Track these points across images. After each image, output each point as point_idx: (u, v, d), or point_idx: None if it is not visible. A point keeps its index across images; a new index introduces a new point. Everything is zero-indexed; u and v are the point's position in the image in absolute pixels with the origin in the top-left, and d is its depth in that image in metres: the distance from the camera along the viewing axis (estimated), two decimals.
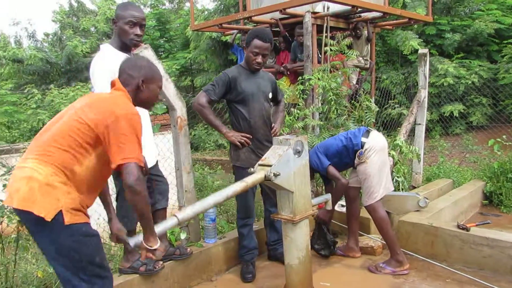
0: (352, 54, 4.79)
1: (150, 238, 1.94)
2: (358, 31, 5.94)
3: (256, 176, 2.47)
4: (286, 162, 2.52)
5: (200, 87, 11.42)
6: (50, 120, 1.98)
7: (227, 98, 3.21)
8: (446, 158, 6.20)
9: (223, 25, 6.17)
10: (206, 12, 12.15)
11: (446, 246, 3.38)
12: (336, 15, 5.52)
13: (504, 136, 5.13)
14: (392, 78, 9.19)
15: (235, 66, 3.29)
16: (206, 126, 9.91)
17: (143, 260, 2.27)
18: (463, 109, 8.65)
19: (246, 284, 3.20)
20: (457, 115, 8.55)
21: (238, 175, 3.26)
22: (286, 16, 5.39)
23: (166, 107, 3.33)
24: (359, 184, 3.45)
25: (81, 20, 16.42)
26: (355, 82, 6.04)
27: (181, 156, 3.27)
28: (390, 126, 6.69)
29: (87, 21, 16.07)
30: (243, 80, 3.14)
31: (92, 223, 1.97)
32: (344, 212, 3.73)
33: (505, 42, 9.07)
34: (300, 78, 4.92)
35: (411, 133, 5.21)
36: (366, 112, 4.56)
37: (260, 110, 3.17)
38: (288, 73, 5.85)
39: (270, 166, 2.46)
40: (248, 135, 3.14)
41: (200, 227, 3.49)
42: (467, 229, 3.32)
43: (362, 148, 3.24)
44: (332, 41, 4.73)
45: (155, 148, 2.96)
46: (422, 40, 9.30)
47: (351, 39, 5.47)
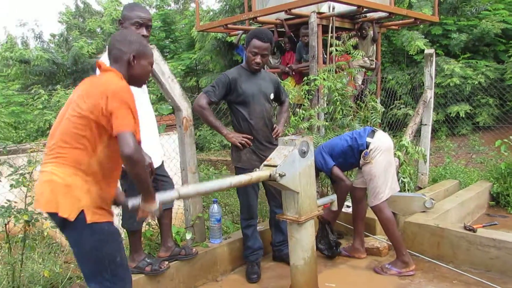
0: (357, 55, 4.78)
1: (149, 199, 1.93)
2: (364, 31, 5.93)
3: (261, 173, 2.47)
4: (291, 163, 2.52)
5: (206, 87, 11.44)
6: (55, 121, 2.01)
7: (228, 99, 3.20)
8: (452, 159, 6.16)
9: (228, 25, 6.18)
10: (211, 12, 12.18)
11: (452, 247, 3.36)
12: (342, 15, 5.52)
13: (511, 137, 5.09)
14: (398, 78, 9.16)
15: (236, 67, 3.27)
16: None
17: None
18: (470, 109, 8.60)
19: (251, 285, 3.19)
20: (463, 115, 8.51)
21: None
22: (292, 16, 5.39)
23: (171, 107, 3.33)
24: (364, 185, 3.43)
25: (87, 21, 16.54)
26: (360, 83, 6.03)
27: (186, 157, 3.28)
28: (395, 127, 6.65)
29: (93, 22, 16.18)
30: (243, 81, 3.12)
31: None
32: (350, 213, 3.72)
33: None
34: (305, 78, 4.91)
35: (417, 133, 5.19)
36: (372, 113, 4.54)
37: (261, 111, 3.15)
38: (293, 73, 5.85)
39: (276, 166, 2.46)
40: (249, 136, 3.12)
41: (206, 227, 3.50)
42: (473, 230, 3.30)
43: (367, 148, 3.21)
44: (337, 41, 4.72)
45: (161, 148, 2.96)
46: (428, 40, 9.27)
47: (357, 39, 5.47)
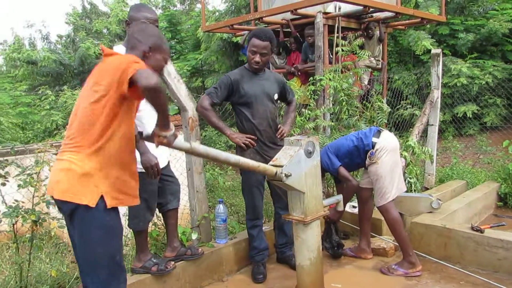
0: (363, 55, 4.77)
1: (166, 123, 1.90)
2: (370, 31, 5.91)
3: (268, 167, 2.47)
4: (297, 163, 2.52)
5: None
6: (72, 111, 2.03)
7: (231, 101, 3.19)
8: (459, 159, 6.12)
9: (234, 26, 6.19)
10: (217, 13, 12.20)
11: (459, 248, 3.34)
12: (348, 15, 5.50)
13: None
14: (404, 78, 9.11)
15: (239, 68, 3.26)
16: None
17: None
18: (477, 109, 8.54)
19: (257, 285, 3.19)
20: (470, 115, 8.45)
21: (244, 177, 3.26)
22: (298, 16, 5.39)
23: (177, 108, 3.34)
24: (371, 185, 3.42)
25: (93, 22, 16.63)
26: (366, 83, 6.01)
27: (192, 157, 3.28)
28: (402, 127, 6.63)
29: (100, 23, 16.26)
30: (246, 82, 3.11)
31: None
32: (356, 213, 3.71)
33: None
34: (311, 78, 4.90)
35: (424, 134, 5.17)
36: (378, 113, 4.53)
37: (264, 112, 3.14)
38: (299, 73, 5.84)
39: (282, 166, 2.46)
40: (252, 137, 3.11)
41: (211, 227, 3.50)
42: (481, 231, 3.27)
43: (373, 148, 3.21)
44: (343, 41, 4.71)
45: (167, 149, 2.97)
46: (434, 40, 9.22)
47: (363, 39, 5.45)
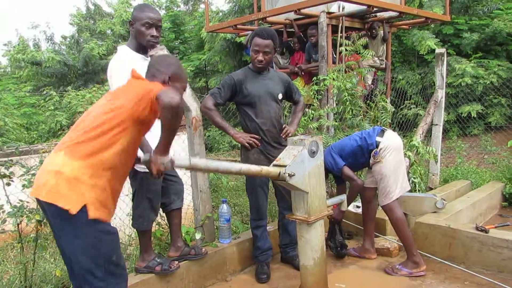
0: (367, 54, 4.76)
1: (164, 150, 1.94)
2: (374, 31, 5.89)
3: (271, 169, 2.47)
4: (300, 163, 2.51)
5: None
6: (80, 117, 2.02)
7: (235, 101, 3.20)
8: (463, 159, 6.10)
9: (237, 26, 6.18)
10: (221, 13, 12.21)
11: (464, 248, 3.33)
12: (352, 15, 5.48)
13: None
14: (408, 78, 9.09)
15: (243, 68, 3.27)
16: None
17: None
18: (481, 109, 8.51)
19: (261, 285, 3.19)
20: (475, 115, 8.42)
21: (248, 177, 3.26)
22: (301, 16, 5.37)
23: None
24: (375, 185, 3.42)
25: (97, 23, 16.69)
26: (370, 83, 5.99)
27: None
28: (406, 127, 6.61)
29: (104, 23, 16.32)
30: (249, 82, 3.12)
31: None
32: (360, 213, 3.70)
33: None
34: (314, 78, 4.90)
35: (428, 133, 5.15)
36: (382, 113, 4.52)
37: (268, 112, 3.14)
38: (303, 73, 5.83)
39: (285, 166, 2.46)
40: (256, 136, 3.12)
41: (215, 227, 3.50)
42: (486, 231, 3.26)
43: (377, 147, 3.21)
44: (347, 41, 4.70)
45: (170, 149, 2.97)
46: (439, 39, 9.18)
47: (367, 39, 5.43)
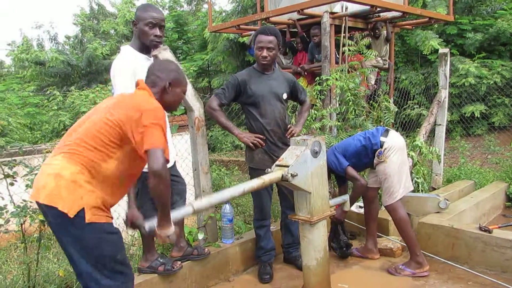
0: (370, 54, 4.75)
1: (165, 224, 1.97)
2: (377, 31, 5.88)
3: (273, 175, 2.47)
4: (303, 163, 2.51)
5: (217, 88, 11.47)
6: (78, 121, 2.04)
7: (239, 101, 3.21)
8: (467, 159, 6.07)
9: (240, 26, 6.18)
10: (224, 13, 12.21)
11: (467, 248, 3.32)
12: (355, 15, 5.47)
13: None
14: (411, 78, 9.07)
15: (247, 68, 3.28)
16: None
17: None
18: (485, 109, 8.48)
19: (263, 285, 3.19)
20: (478, 115, 8.39)
21: (252, 177, 3.25)
22: (304, 16, 5.37)
23: (184, 108, 3.36)
24: (377, 185, 3.41)
25: (101, 23, 16.73)
26: (373, 83, 5.98)
27: (198, 157, 3.29)
28: (409, 127, 6.60)
29: (107, 23, 16.36)
30: (253, 82, 3.13)
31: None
32: (362, 213, 3.70)
33: None
34: (317, 78, 4.89)
35: (431, 134, 5.13)
36: (385, 113, 4.51)
37: (272, 112, 3.14)
38: (306, 73, 5.82)
39: (288, 166, 2.45)
40: (261, 136, 3.12)
41: (218, 227, 3.51)
42: (489, 231, 3.25)
43: (381, 147, 3.20)
44: (350, 41, 4.69)
45: (173, 148, 2.98)
46: (442, 39, 9.16)
47: (370, 39, 5.43)
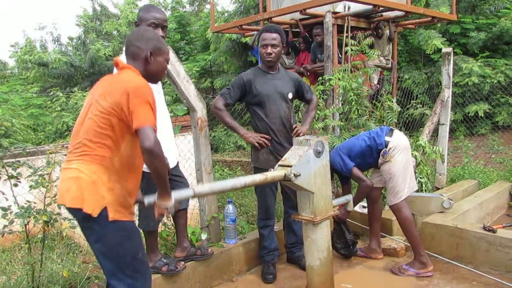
0: (373, 54, 4.74)
1: (165, 195, 1.97)
2: (380, 31, 5.87)
3: (276, 173, 2.47)
4: (306, 163, 2.51)
5: (220, 89, 11.48)
6: (77, 120, 2.04)
7: (245, 101, 3.22)
8: (471, 159, 6.05)
9: (243, 26, 6.19)
10: (226, 14, 12.23)
11: (471, 248, 3.31)
12: (357, 15, 5.47)
13: None
14: (415, 77, 9.04)
15: (252, 68, 3.29)
16: (225, 127, 9.99)
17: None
18: (489, 108, 8.45)
19: (267, 285, 3.19)
20: (482, 115, 8.35)
21: None
22: (307, 16, 5.37)
23: (186, 108, 3.36)
24: (381, 185, 3.41)
25: (104, 24, 16.77)
26: (376, 82, 5.97)
27: (201, 157, 3.29)
28: (412, 127, 6.58)
29: (110, 24, 16.39)
30: (258, 82, 3.13)
31: None
32: (366, 213, 3.69)
33: None
34: (320, 78, 4.89)
35: (435, 133, 5.12)
36: (388, 112, 4.50)
37: (278, 111, 3.14)
38: (308, 73, 5.82)
39: (290, 166, 2.45)
40: (266, 136, 3.13)
41: (221, 227, 3.51)
42: (493, 230, 3.24)
43: (386, 147, 3.19)
44: (353, 41, 4.69)
45: (176, 149, 2.98)
46: (445, 39, 9.12)
47: (372, 39, 5.42)
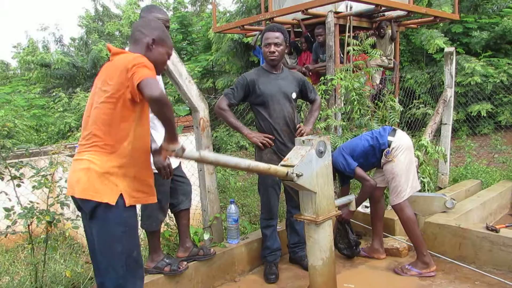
0: (375, 54, 4.73)
1: (173, 138, 1.96)
2: (382, 30, 5.87)
3: (279, 168, 2.46)
4: (308, 163, 2.51)
5: (222, 89, 11.49)
6: (84, 113, 2.05)
7: (249, 101, 3.22)
8: (473, 159, 6.04)
9: (245, 26, 6.18)
10: (228, 14, 12.22)
11: (474, 248, 3.30)
12: (359, 15, 5.46)
13: None
14: (417, 77, 9.03)
15: (256, 68, 3.30)
16: (227, 127, 10.00)
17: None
18: (491, 108, 8.43)
19: (269, 285, 3.19)
20: (485, 114, 8.34)
21: (260, 176, 3.27)
22: (308, 16, 5.37)
23: (189, 109, 3.36)
24: (383, 184, 3.40)
25: (106, 25, 16.80)
26: (378, 82, 5.96)
27: None
28: (414, 127, 6.57)
29: (112, 25, 16.42)
30: (262, 82, 3.13)
31: None
32: (368, 213, 3.69)
33: None
34: (322, 78, 4.88)
35: (437, 133, 5.11)
36: (390, 112, 4.49)
37: (281, 111, 3.15)
38: (310, 73, 5.82)
39: (293, 166, 2.45)
40: (270, 136, 3.13)
41: (223, 228, 3.51)
42: (496, 230, 3.23)
43: (389, 147, 3.19)
44: (355, 40, 4.68)
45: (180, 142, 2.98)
46: (448, 38, 9.11)
47: (375, 39, 5.41)
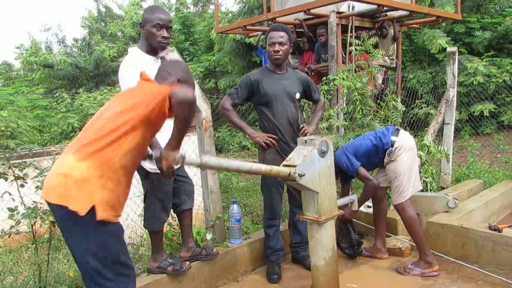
0: (377, 54, 4.73)
1: (176, 145, 1.99)
2: (384, 30, 5.86)
3: (281, 169, 2.47)
4: (311, 163, 2.51)
5: (224, 89, 11.52)
6: (90, 120, 2.03)
7: (252, 101, 3.23)
8: (476, 159, 6.03)
9: (247, 27, 6.19)
10: (230, 14, 12.24)
11: (477, 248, 3.30)
12: (362, 15, 5.46)
13: None
14: (419, 77, 9.03)
15: (260, 68, 3.31)
16: (230, 128, 10.01)
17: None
18: (494, 108, 8.42)
19: (272, 285, 3.19)
20: (487, 114, 8.33)
21: (263, 176, 3.27)
22: (311, 16, 5.37)
23: None
24: (386, 184, 3.41)
25: (108, 25, 16.84)
26: (380, 82, 5.96)
27: None
28: (417, 126, 6.57)
29: (115, 26, 16.47)
30: (266, 82, 3.14)
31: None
32: (371, 213, 3.69)
33: None
34: (324, 78, 4.89)
35: (440, 133, 5.11)
36: (393, 112, 4.49)
37: (285, 111, 3.15)
38: (312, 73, 5.82)
39: (295, 166, 2.46)
40: (274, 136, 3.14)
41: (226, 227, 3.51)
42: (499, 230, 3.23)
43: (392, 146, 3.20)
44: (357, 40, 4.68)
45: (180, 149, 2.99)
46: (450, 38, 9.10)
47: (377, 38, 5.41)
